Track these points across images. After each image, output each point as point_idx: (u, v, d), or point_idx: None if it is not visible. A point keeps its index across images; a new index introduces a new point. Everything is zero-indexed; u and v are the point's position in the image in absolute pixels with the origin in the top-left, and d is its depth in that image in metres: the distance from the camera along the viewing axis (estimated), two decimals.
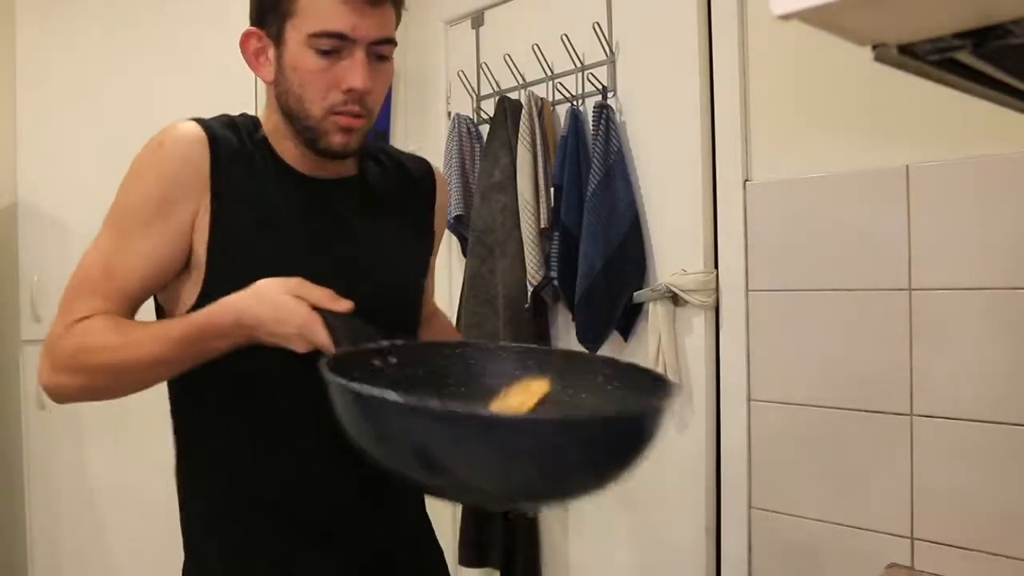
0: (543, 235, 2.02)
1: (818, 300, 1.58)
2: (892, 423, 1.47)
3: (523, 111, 2.05)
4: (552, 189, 2.01)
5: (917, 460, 1.44)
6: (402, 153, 1.21)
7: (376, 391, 0.65)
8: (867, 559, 1.49)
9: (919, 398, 1.44)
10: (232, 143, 0.99)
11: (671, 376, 1.79)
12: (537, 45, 2.07)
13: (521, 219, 2.03)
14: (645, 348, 1.87)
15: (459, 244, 2.34)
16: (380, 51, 0.97)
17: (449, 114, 2.43)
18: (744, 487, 1.70)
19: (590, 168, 1.89)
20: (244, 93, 2.28)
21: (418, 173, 1.19)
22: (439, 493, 0.77)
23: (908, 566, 1.45)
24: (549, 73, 2.08)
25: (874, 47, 0.55)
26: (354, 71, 0.94)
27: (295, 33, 0.94)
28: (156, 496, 2.11)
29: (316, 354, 0.80)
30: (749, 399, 1.69)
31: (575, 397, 0.83)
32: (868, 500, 1.51)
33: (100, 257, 0.94)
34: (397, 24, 1.01)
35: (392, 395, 0.64)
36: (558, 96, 2.07)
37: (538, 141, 2.04)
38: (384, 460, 0.67)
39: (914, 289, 1.45)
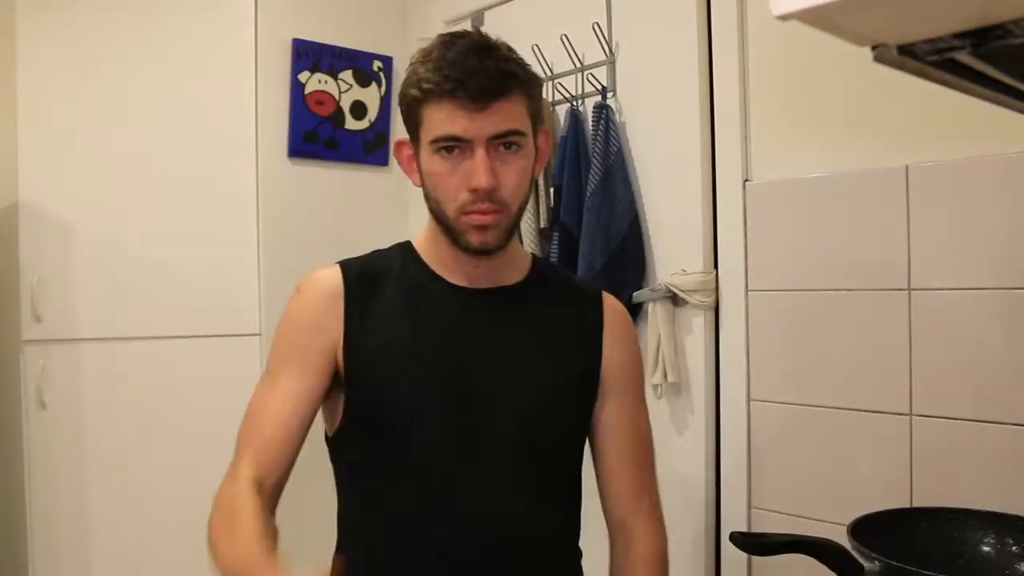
0: (543, 235, 2.02)
1: (818, 300, 1.58)
2: (892, 423, 1.47)
3: None
4: (552, 189, 2.01)
5: (917, 460, 1.44)
6: (574, 276, 1.22)
7: None
8: None
9: (919, 398, 1.44)
10: (372, 275, 1.07)
11: (671, 375, 1.79)
12: (537, 45, 2.07)
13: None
14: (645, 348, 1.86)
15: None
16: (506, 143, 0.99)
17: None
18: (744, 487, 1.70)
19: (590, 168, 1.89)
20: (243, 94, 2.28)
21: (586, 296, 1.18)
22: None
23: None
24: (549, 73, 2.08)
25: (874, 47, 0.55)
26: (475, 170, 0.97)
27: (425, 141, 1.01)
28: (156, 496, 2.12)
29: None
30: (749, 399, 1.69)
31: None
32: (868, 500, 1.51)
33: (258, 398, 1.05)
34: (534, 108, 1.03)
35: None
36: (558, 96, 2.07)
37: None
38: None
39: (914, 289, 1.44)
